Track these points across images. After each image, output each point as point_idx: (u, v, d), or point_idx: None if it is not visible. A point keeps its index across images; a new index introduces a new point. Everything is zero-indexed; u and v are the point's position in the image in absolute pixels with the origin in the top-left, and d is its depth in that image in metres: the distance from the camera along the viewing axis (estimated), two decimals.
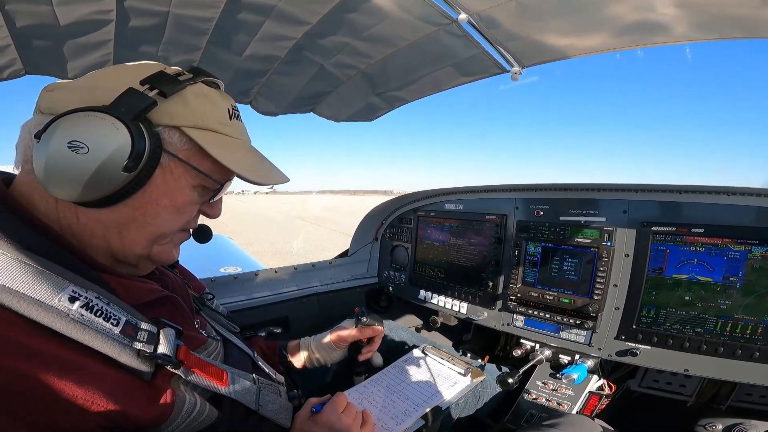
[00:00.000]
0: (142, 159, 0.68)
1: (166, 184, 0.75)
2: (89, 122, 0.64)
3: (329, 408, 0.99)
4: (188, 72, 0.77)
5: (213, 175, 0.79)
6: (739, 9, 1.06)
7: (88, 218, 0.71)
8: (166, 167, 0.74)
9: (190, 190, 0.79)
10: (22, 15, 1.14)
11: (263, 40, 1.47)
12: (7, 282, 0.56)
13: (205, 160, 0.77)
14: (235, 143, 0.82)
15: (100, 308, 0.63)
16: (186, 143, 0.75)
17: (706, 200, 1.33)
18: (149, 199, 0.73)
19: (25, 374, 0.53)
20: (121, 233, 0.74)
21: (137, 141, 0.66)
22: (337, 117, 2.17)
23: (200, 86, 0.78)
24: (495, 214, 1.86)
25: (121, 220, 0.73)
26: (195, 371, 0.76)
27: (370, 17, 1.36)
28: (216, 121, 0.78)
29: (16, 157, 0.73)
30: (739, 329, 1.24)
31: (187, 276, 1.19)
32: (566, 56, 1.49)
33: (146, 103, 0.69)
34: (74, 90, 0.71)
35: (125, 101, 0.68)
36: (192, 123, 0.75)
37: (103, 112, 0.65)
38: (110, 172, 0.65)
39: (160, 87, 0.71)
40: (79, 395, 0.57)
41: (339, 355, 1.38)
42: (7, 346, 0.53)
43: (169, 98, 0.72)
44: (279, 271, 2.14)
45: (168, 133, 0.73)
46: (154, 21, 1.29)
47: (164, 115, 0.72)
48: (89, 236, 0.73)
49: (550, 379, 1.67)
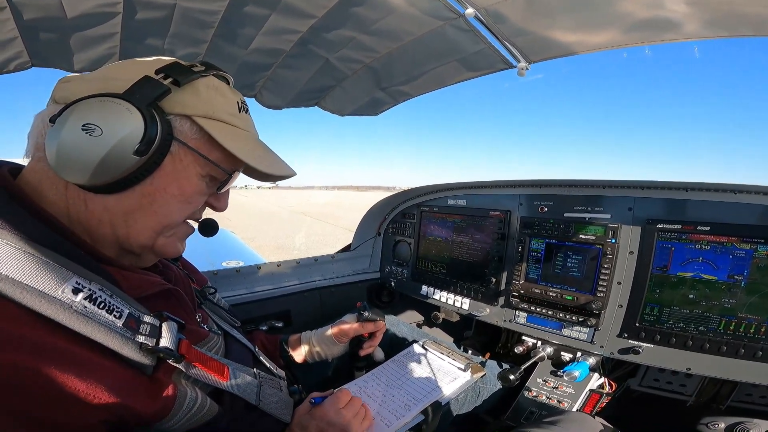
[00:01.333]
0: (153, 144, 0.69)
1: (175, 172, 0.75)
2: (104, 106, 0.66)
3: (329, 402, 0.99)
4: (201, 65, 0.79)
5: (222, 165, 0.80)
6: (750, 7, 1.05)
7: (97, 205, 0.72)
8: (176, 155, 0.75)
9: (198, 180, 0.80)
10: (30, 7, 1.14)
11: (269, 34, 1.47)
12: (10, 272, 0.56)
13: (215, 149, 0.78)
14: (244, 135, 0.83)
15: (103, 300, 0.63)
16: (196, 132, 0.76)
17: (713, 198, 1.32)
18: (158, 187, 0.74)
19: (27, 369, 0.53)
20: (128, 221, 0.74)
21: (150, 126, 0.67)
22: (341, 111, 2.17)
23: (212, 79, 0.80)
24: (499, 209, 1.86)
25: (128, 208, 0.73)
26: (196, 365, 0.76)
27: (376, 11, 1.36)
28: (226, 112, 0.79)
29: (28, 146, 0.74)
30: (742, 328, 1.24)
31: (189, 269, 1.19)
32: (574, 52, 1.48)
33: (160, 91, 0.70)
34: (90, 81, 0.72)
35: (140, 88, 0.69)
36: (203, 113, 0.76)
37: (118, 98, 0.67)
38: (122, 155, 0.66)
39: (174, 76, 0.72)
40: (82, 390, 0.57)
41: (340, 349, 1.38)
42: (7, 340, 0.53)
43: (181, 87, 0.73)
44: (281, 265, 2.14)
45: (179, 121, 0.74)
46: (160, 14, 1.29)
47: (176, 104, 0.73)
48: (96, 224, 0.73)
49: (550, 376, 1.67)
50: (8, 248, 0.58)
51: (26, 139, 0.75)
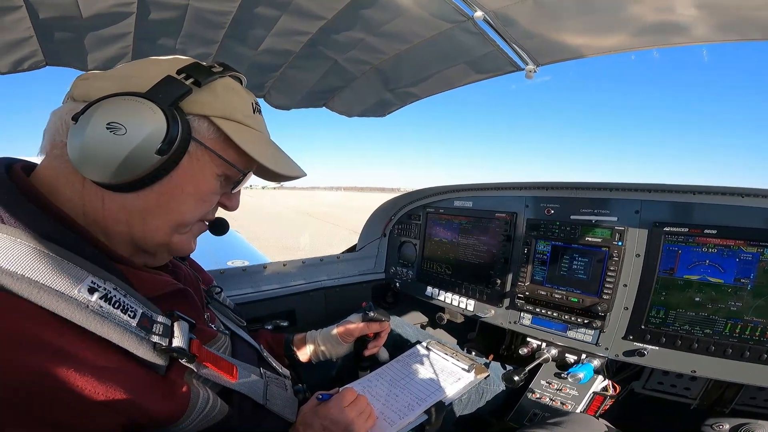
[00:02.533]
0: (174, 144, 0.70)
1: (192, 171, 0.76)
2: (129, 106, 0.66)
3: (334, 401, 0.99)
4: (218, 66, 0.80)
5: (237, 165, 0.81)
6: (760, 11, 1.05)
7: (114, 203, 0.72)
8: (194, 155, 0.76)
9: (214, 179, 0.80)
10: (45, 6, 1.15)
11: (279, 35, 1.48)
12: (26, 272, 0.55)
13: (230, 149, 0.79)
14: (258, 135, 0.84)
15: (118, 300, 0.63)
16: (213, 132, 0.77)
17: (720, 201, 1.32)
18: (175, 186, 0.75)
19: (43, 372, 0.53)
20: (145, 219, 0.75)
21: (172, 126, 0.68)
22: (349, 112, 2.18)
23: (228, 80, 0.81)
24: (505, 211, 1.86)
25: (146, 206, 0.74)
26: (207, 365, 0.76)
27: (385, 13, 1.37)
28: (241, 113, 0.80)
29: (43, 142, 0.74)
30: (748, 331, 1.24)
31: (196, 268, 1.19)
32: (582, 55, 1.48)
33: (183, 91, 0.71)
34: (111, 78, 0.73)
35: (163, 88, 0.70)
36: (220, 113, 0.77)
37: (142, 97, 0.68)
38: (144, 154, 0.67)
39: (195, 76, 0.74)
40: (98, 392, 0.57)
41: (345, 349, 1.38)
42: (22, 341, 0.53)
43: (201, 88, 0.74)
44: (287, 265, 2.15)
45: (197, 121, 0.75)
46: (173, 14, 1.31)
47: (195, 104, 0.74)
48: (113, 223, 0.73)
49: (554, 378, 1.67)
50: (23, 247, 0.58)
51: (42, 136, 0.74)
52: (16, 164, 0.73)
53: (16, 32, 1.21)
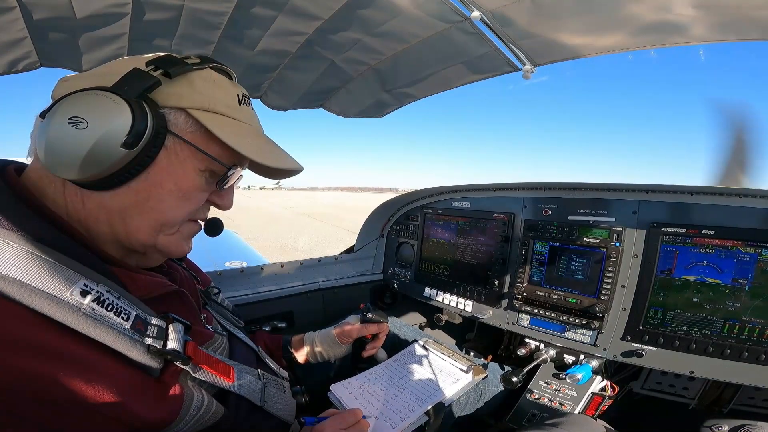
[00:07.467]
0: (143, 137, 0.67)
1: (171, 167, 0.73)
2: (90, 99, 0.65)
3: (331, 423, 0.94)
4: (197, 58, 0.77)
5: (221, 159, 0.77)
6: (759, 11, 1.05)
7: (93, 203, 0.71)
8: (171, 150, 0.73)
9: (196, 175, 0.77)
10: (39, 7, 1.15)
11: (275, 35, 1.47)
12: (18, 275, 0.54)
13: (213, 143, 0.76)
14: (244, 128, 0.81)
15: (111, 302, 0.62)
16: (192, 125, 0.74)
17: (718, 202, 1.32)
18: (153, 183, 0.72)
19: (34, 375, 0.52)
20: (125, 219, 0.73)
21: (138, 118, 0.65)
22: (346, 113, 2.17)
23: (209, 72, 0.78)
24: (502, 212, 1.86)
25: (123, 205, 0.72)
26: (203, 367, 0.76)
27: (382, 13, 1.36)
28: (224, 105, 0.77)
29: (30, 144, 0.73)
30: (746, 331, 1.24)
31: (193, 269, 1.18)
32: (580, 55, 1.48)
33: (150, 82, 0.69)
34: (87, 77, 0.71)
35: (129, 81, 0.68)
36: (198, 105, 0.74)
37: (106, 90, 0.66)
38: (109, 147, 0.64)
39: (165, 68, 0.71)
40: (90, 395, 0.56)
41: (343, 350, 1.38)
42: (14, 344, 0.52)
43: (174, 79, 0.72)
44: (285, 266, 2.15)
45: (173, 114, 0.72)
46: (168, 14, 1.30)
47: (170, 96, 0.72)
48: (94, 223, 0.72)
49: (553, 379, 1.67)
50: (14, 250, 0.57)
51: (29, 138, 0.74)
52: (9, 166, 0.72)
53: (10, 33, 1.20)
